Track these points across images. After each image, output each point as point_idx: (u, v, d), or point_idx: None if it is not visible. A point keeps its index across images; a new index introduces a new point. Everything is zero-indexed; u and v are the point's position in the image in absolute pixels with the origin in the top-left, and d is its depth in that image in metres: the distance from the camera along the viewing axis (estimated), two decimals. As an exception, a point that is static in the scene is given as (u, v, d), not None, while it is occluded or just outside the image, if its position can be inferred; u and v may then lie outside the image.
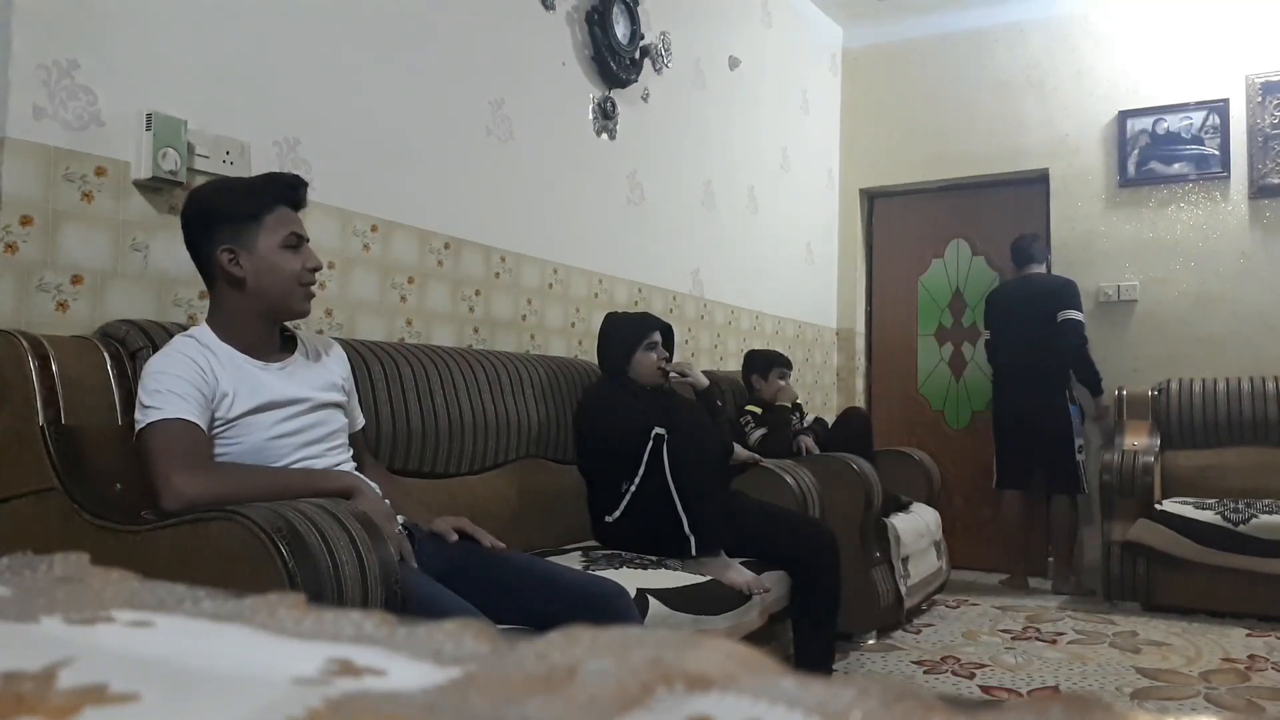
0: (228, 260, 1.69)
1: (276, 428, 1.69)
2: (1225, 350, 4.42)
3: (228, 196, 1.72)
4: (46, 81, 1.85)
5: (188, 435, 1.58)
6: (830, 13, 5.19)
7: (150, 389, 1.60)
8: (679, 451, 2.39)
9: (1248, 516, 3.68)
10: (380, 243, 2.58)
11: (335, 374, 1.87)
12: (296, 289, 1.73)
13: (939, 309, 5.20)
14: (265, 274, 1.69)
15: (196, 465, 1.57)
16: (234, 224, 1.69)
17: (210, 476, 1.58)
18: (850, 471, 3.20)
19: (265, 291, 1.70)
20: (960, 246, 5.16)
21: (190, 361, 1.63)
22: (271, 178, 1.78)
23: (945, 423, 5.14)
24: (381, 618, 0.46)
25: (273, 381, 1.72)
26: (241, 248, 1.69)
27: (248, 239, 1.69)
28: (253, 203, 1.70)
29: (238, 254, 1.69)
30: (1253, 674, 2.89)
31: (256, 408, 1.67)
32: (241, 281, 1.69)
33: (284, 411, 1.71)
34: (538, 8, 3.14)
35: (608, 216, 3.51)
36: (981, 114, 5.00)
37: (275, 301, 1.72)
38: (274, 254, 1.70)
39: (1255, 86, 4.41)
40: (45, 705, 0.35)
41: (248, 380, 1.68)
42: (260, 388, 1.69)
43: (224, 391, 1.65)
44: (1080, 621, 3.61)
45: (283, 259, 1.71)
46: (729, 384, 3.68)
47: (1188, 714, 2.51)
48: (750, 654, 0.39)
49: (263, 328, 1.75)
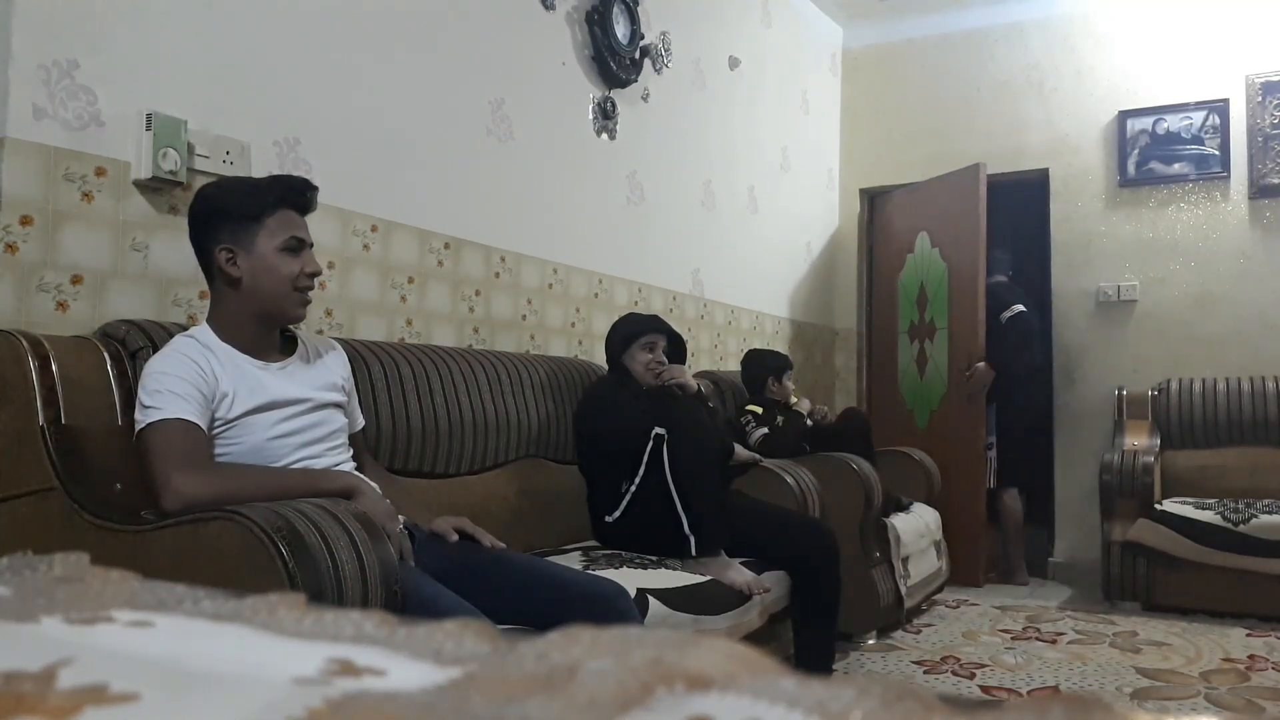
0: (225, 259, 1.69)
1: (276, 428, 1.69)
2: (1225, 350, 4.42)
3: (232, 195, 1.72)
4: (46, 81, 1.85)
5: (188, 435, 1.58)
6: (830, 13, 5.19)
7: (150, 389, 1.60)
8: (679, 451, 2.39)
9: (1248, 516, 3.68)
10: (380, 243, 2.58)
11: (335, 374, 1.87)
12: (291, 294, 1.72)
13: (911, 305, 4.95)
14: (261, 275, 1.69)
15: (196, 465, 1.57)
16: (235, 223, 1.69)
17: (210, 476, 1.57)
18: (850, 471, 3.20)
19: (260, 293, 1.70)
20: (923, 240, 4.83)
21: (190, 361, 1.63)
22: (278, 180, 1.78)
23: (914, 421, 4.81)
24: (381, 618, 0.46)
25: (273, 381, 1.72)
26: (240, 248, 1.69)
27: (247, 239, 1.69)
28: (256, 203, 1.70)
29: (236, 254, 1.68)
30: (1253, 674, 2.89)
31: (256, 408, 1.67)
32: (238, 281, 1.69)
33: (284, 412, 1.71)
34: (538, 8, 3.15)
35: (608, 216, 3.51)
36: (981, 114, 5.00)
37: (269, 304, 1.71)
38: (272, 256, 1.69)
39: (1255, 86, 4.41)
40: (45, 705, 0.35)
41: (248, 380, 1.68)
42: (260, 388, 1.69)
43: (224, 391, 1.64)
44: (1080, 621, 3.60)
45: (280, 262, 1.70)
46: (729, 384, 3.68)
47: (1188, 714, 2.51)
48: (750, 654, 0.39)
49: (260, 328, 1.75)
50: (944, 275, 4.66)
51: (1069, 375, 4.75)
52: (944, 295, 4.66)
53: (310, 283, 1.75)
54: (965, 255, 4.51)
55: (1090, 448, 4.53)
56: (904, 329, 5.02)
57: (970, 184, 4.51)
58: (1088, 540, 4.41)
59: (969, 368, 4.38)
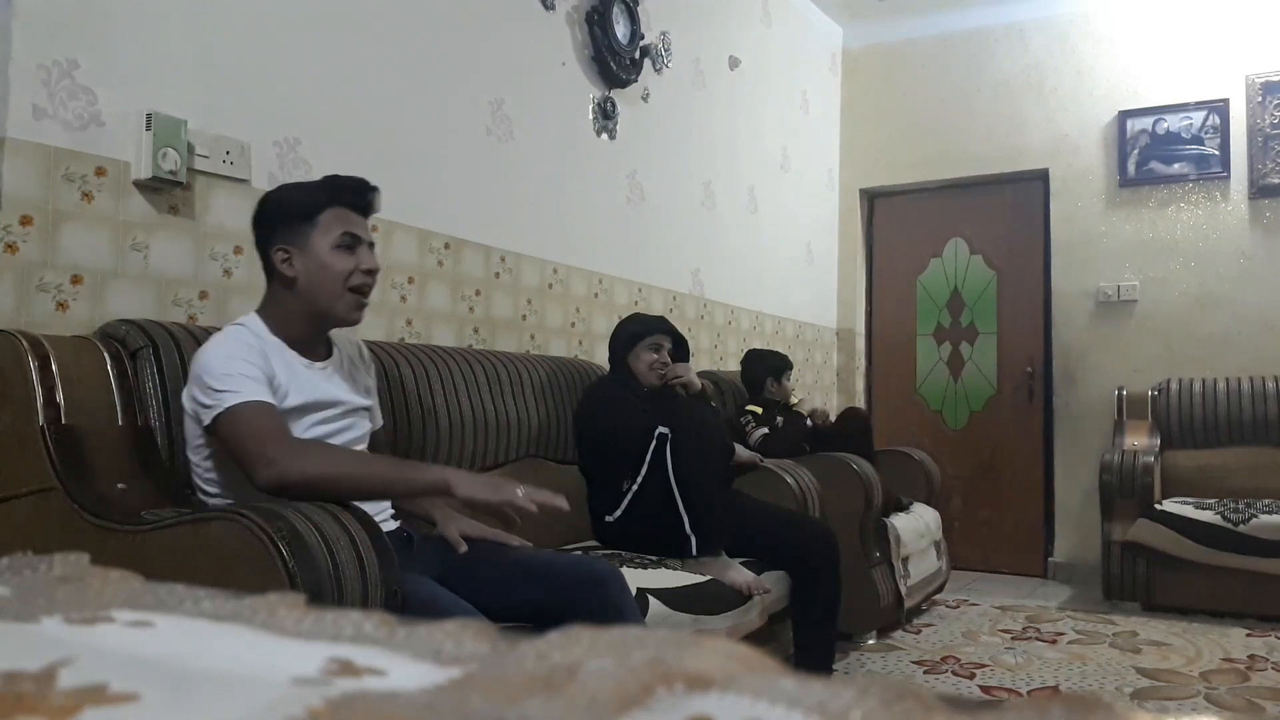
0: (281, 260, 1.67)
1: (313, 429, 1.67)
2: (1225, 350, 4.42)
3: (288, 196, 1.72)
4: (46, 81, 1.85)
5: (273, 416, 1.55)
6: (830, 13, 5.19)
7: (218, 374, 1.55)
8: (682, 450, 2.39)
9: (1248, 516, 3.68)
10: (380, 243, 2.57)
11: (367, 379, 1.86)
12: (345, 294, 1.68)
13: (937, 309, 5.20)
14: (315, 274, 1.67)
15: (298, 443, 1.55)
16: (290, 224, 1.68)
17: (319, 454, 1.55)
18: (850, 471, 3.20)
19: (314, 293, 1.67)
20: (959, 245, 5.16)
21: (251, 349, 1.61)
22: (331, 179, 1.75)
23: (944, 422, 5.14)
24: (381, 618, 0.46)
25: (317, 381, 1.71)
26: (295, 248, 1.67)
27: (301, 239, 1.67)
28: (309, 202, 1.68)
29: (292, 254, 1.67)
30: (1253, 674, 2.89)
31: (302, 405, 1.65)
32: (293, 281, 1.67)
33: (323, 413, 1.69)
34: (538, 8, 3.15)
35: (608, 216, 3.51)
36: (981, 114, 5.00)
37: (323, 305, 1.69)
38: (326, 254, 1.67)
39: (1255, 86, 4.41)
40: (45, 705, 0.35)
41: (296, 377, 1.66)
42: (306, 386, 1.67)
43: (279, 383, 1.62)
44: (1080, 621, 3.60)
45: (334, 259, 1.67)
46: (729, 384, 3.68)
47: (1188, 714, 2.51)
48: (750, 654, 0.39)
49: (312, 329, 1.73)
50: (991, 281, 5.04)
51: (1069, 375, 4.75)
52: (991, 300, 5.02)
53: (366, 281, 1.70)
54: (1021, 262, 4.96)
55: (1090, 448, 4.53)
56: (926, 331, 5.20)
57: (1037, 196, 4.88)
58: (1088, 540, 4.42)
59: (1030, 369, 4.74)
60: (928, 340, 5.22)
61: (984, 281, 5.05)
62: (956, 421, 5.11)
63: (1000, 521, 4.88)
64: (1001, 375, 5.00)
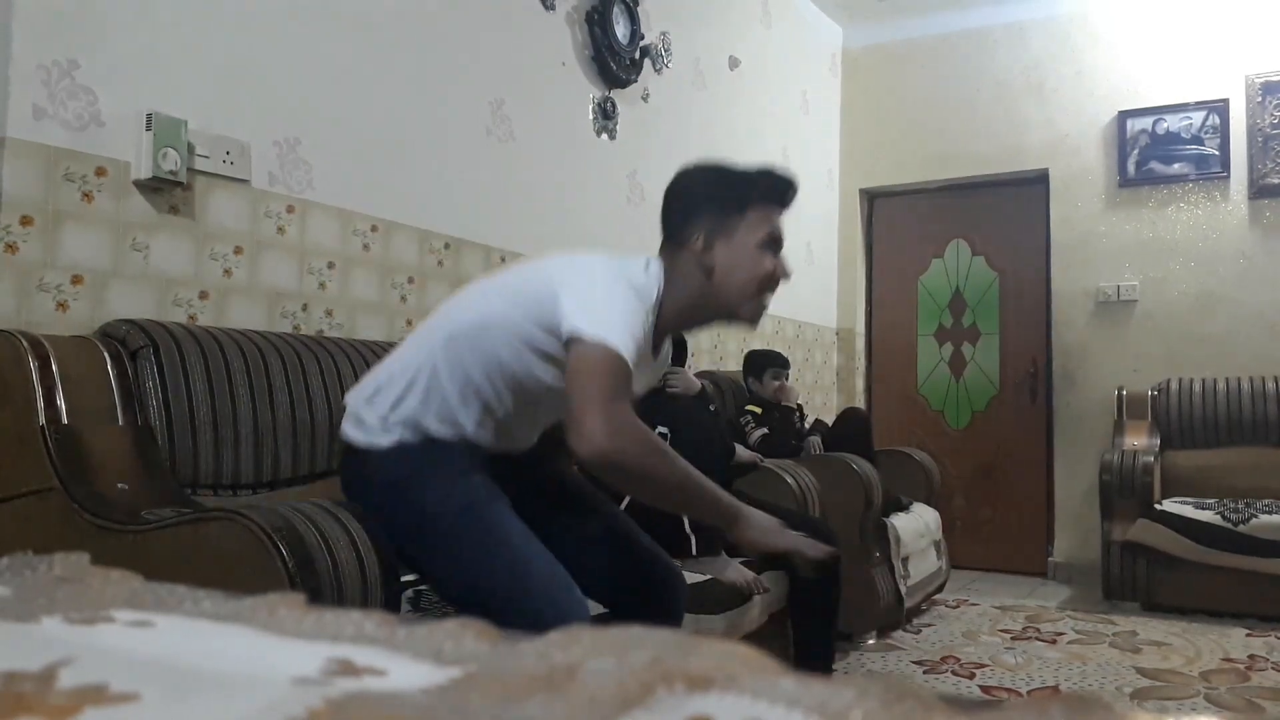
0: (700, 243, 1.56)
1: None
2: (1225, 350, 4.42)
3: (727, 178, 1.61)
4: (46, 81, 1.85)
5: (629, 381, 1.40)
6: (830, 13, 5.19)
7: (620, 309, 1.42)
8: (681, 450, 2.38)
9: (1248, 516, 3.68)
10: (380, 243, 2.58)
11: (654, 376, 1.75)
12: (754, 296, 1.59)
13: (939, 309, 5.21)
14: (735, 269, 1.56)
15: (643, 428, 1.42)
16: (720, 208, 1.57)
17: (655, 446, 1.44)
18: (850, 471, 3.20)
19: (727, 287, 1.56)
20: (960, 246, 5.17)
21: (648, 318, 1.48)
22: (767, 172, 1.63)
23: (945, 422, 5.14)
24: (381, 618, 0.46)
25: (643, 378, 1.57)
26: (721, 234, 1.56)
27: (729, 227, 1.56)
28: (747, 192, 1.58)
29: (715, 242, 1.56)
30: (1253, 674, 2.89)
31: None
32: (710, 271, 1.56)
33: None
34: (538, 8, 3.15)
35: (608, 216, 3.51)
36: (981, 114, 5.00)
37: (731, 302, 1.58)
38: (751, 250, 1.57)
39: (1255, 86, 4.41)
40: (45, 705, 0.35)
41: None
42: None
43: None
44: (1080, 621, 3.60)
45: (759, 258, 1.57)
46: (729, 384, 3.68)
47: (1188, 714, 2.51)
48: (750, 654, 0.39)
49: (697, 320, 1.64)
50: (993, 283, 5.06)
51: (1069, 375, 4.75)
52: (993, 302, 5.04)
53: (776, 287, 1.61)
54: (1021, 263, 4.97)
55: (1090, 448, 4.53)
56: (927, 331, 5.23)
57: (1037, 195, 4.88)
58: (1088, 540, 4.41)
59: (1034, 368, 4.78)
60: (929, 340, 5.23)
61: (986, 283, 5.06)
62: (958, 421, 5.12)
63: (1001, 521, 4.89)
64: (1004, 375, 5.01)
